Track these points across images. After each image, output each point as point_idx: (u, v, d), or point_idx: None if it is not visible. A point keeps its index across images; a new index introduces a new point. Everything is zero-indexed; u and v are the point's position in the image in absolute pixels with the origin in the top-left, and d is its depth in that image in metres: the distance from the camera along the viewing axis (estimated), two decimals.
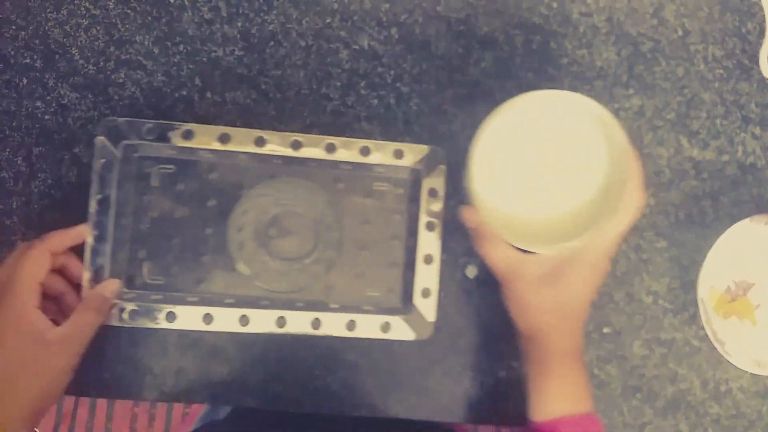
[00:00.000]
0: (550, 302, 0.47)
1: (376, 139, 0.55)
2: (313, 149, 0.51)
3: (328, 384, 0.55)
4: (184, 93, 0.55)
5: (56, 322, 0.45)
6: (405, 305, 0.54)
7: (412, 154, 0.52)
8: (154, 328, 0.50)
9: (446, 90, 0.57)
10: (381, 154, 0.52)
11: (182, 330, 0.52)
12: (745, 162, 0.59)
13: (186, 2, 0.56)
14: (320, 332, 0.51)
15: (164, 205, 0.53)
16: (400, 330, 0.52)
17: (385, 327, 0.52)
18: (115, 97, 0.54)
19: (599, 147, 0.48)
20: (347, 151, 0.52)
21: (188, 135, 0.50)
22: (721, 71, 0.59)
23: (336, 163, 0.53)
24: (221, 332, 0.53)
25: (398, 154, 0.52)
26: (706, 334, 0.55)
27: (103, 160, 0.50)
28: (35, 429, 0.46)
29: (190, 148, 0.51)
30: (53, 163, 0.54)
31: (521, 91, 0.57)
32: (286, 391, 0.55)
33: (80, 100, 0.54)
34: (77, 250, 0.50)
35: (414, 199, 0.54)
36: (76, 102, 0.54)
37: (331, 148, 0.51)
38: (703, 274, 0.54)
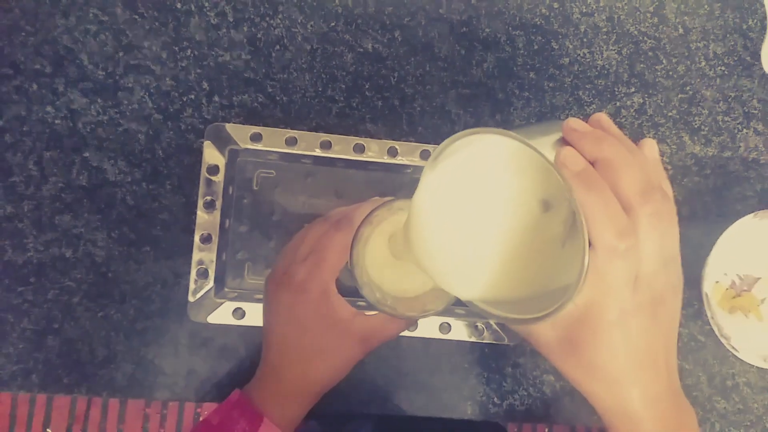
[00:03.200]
0: (586, 375, 0.36)
1: (380, 139, 0.55)
2: (409, 156, 0.54)
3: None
4: (192, 97, 0.56)
5: None
6: None
7: None
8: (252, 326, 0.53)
9: (449, 91, 0.58)
10: None
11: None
12: (747, 158, 0.60)
13: (193, 8, 0.56)
14: (416, 334, 0.53)
15: (263, 208, 0.55)
16: (493, 334, 0.54)
17: (479, 331, 0.54)
18: (125, 102, 0.55)
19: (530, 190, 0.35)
20: None
21: (291, 141, 0.53)
22: (723, 68, 0.60)
23: None
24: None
25: None
26: (712, 330, 0.55)
27: (208, 164, 0.53)
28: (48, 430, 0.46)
29: (290, 154, 0.54)
30: (64, 167, 0.55)
31: (523, 91, 0.58)
32: None
33: (90, 105, 0.55)
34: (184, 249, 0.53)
35: None
36: (85, 107, 0.55)
37: (426, 155, 0.54)
38: (707, 270, 0.55)
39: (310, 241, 0.46)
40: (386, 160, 0.54)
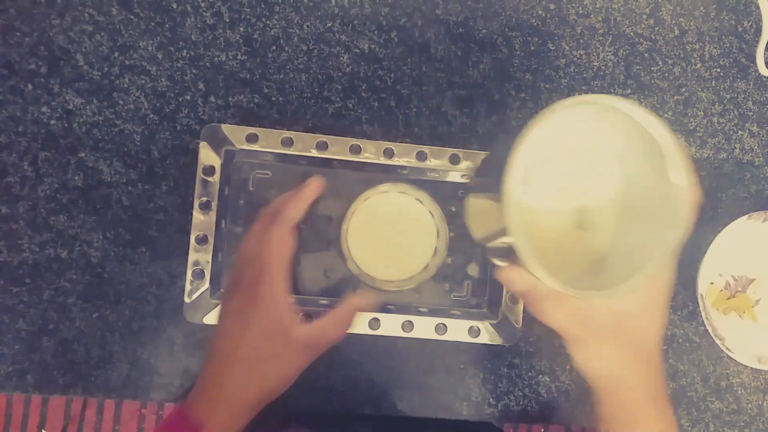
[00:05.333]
0: (629, 348, 0.40)
1: (376, 140, 0.55)
2: (405, 157, 0.54)
3: (332, 382, 0.56)
4: (188, 97, 0.56)
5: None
6: (491, 311, 0.55)
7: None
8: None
9: (446, 92, 0.58)
10: (470, 162, 0.54)
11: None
12: (742, 159, 0.60)
13: (189, 8, 0.56)
14: (412, 335, 0.53)
15: (259, 209, 0.54)
16: (489, 335, 0.54)
17: (474, 332, 0.54)
18: (120, 102, 0.55)
19: (637, 153, 0.38)
20: (438, 160, 0.54)
21: (288, 142, 0.53)
22: (718, 70, 0.60)
23: (424, 171, 0.55)
24: None
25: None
26: (707, 330, 0.55)
27: (204, 165, 0.52)
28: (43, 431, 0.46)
29: (286, 155, 0.54)
30: (59, 167, 0.55)
31: (520, 92, 0.58)
32: (291, 389, 0.55)
33: (85, 106, 0.55)
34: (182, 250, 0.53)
35: None
36: (81, 107, 0.55)
37: (422, 156, 0.54)
38: (702, 271, 0.55)
39: (252, 240, 0.47)
40: (382, 161, 0.54)
